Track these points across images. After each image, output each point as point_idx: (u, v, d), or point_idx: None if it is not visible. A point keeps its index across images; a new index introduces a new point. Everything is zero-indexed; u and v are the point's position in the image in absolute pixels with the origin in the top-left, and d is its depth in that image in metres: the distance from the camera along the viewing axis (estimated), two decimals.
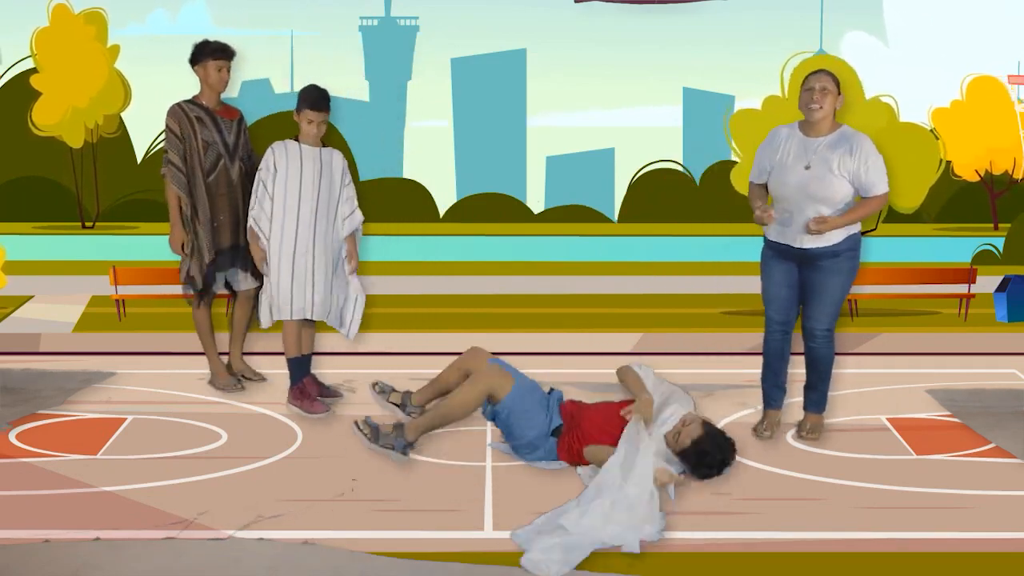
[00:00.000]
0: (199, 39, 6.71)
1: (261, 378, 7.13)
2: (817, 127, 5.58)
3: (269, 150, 6.34)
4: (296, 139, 6.36)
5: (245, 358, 7.20)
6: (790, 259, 5.76)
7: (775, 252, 5.83)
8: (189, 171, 6.62)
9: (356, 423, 5.43)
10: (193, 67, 6.69)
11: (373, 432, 5.35)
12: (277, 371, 7.63)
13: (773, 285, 5.86)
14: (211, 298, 6.90)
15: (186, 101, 6.68)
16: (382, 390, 5.85)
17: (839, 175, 5.49)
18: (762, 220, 5.63)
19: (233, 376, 7.01)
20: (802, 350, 5.91)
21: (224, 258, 6.77)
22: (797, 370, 6.07)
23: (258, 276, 6.79)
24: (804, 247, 5.62)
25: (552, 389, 5.60)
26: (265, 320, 6.45)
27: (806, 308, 5.79)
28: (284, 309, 6.33)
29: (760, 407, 6.11)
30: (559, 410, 5.38)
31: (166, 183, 6.65)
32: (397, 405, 5.77)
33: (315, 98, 6.28)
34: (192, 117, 6.62)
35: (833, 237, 5.59)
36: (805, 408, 5.98)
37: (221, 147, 6.67)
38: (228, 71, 6.69)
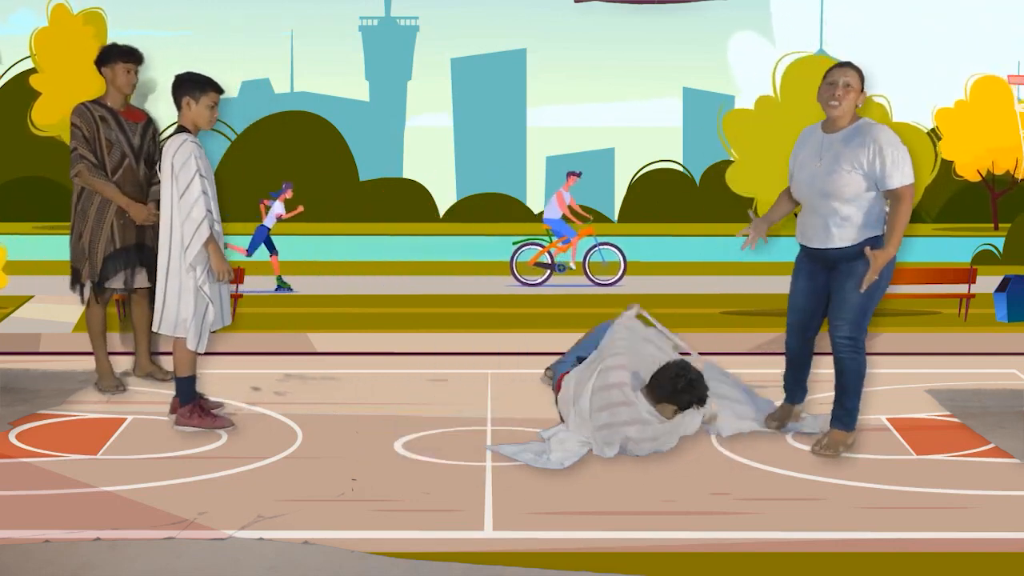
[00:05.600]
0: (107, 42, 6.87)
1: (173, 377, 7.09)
2: (836, 123, 5.39)
3: (189, 144, 5.78)
4: (186, 130, 5.88)
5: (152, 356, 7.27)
6: (818, 265, 5.57)
7: (804, 256, 5.65)
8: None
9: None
10: (100, 69, 6.80)
11: None
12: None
13: (794, 293, 5.72)
14: (107, 297, 6.90)
15: (90, 101, 6.79)
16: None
17: (848, 168, 5.28)
18: (759, 229, 5.71)
19: (116, 378, 6.97)
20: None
21: (129, 255, 6.80)
22: (823, 370, 6.06)
23: (153, 276, 6.70)
24: (822, 247, 5.46)
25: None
26: (204, 344, 5.91)
27: (828, 315, 5.56)
28: (216, 322, 5.97)
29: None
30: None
31: (85, 179, 6.69)
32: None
33: (213, 79, 5.93)
34: (96, 116, 6.71)
35: (848, 238, 5.38)
36: (830, 424, 5.64)
37: (126, 147, 6.74)
38: (136, 74, 6.81)
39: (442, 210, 38.82)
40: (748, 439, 5.86)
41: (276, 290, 13.64)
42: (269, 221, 14.13)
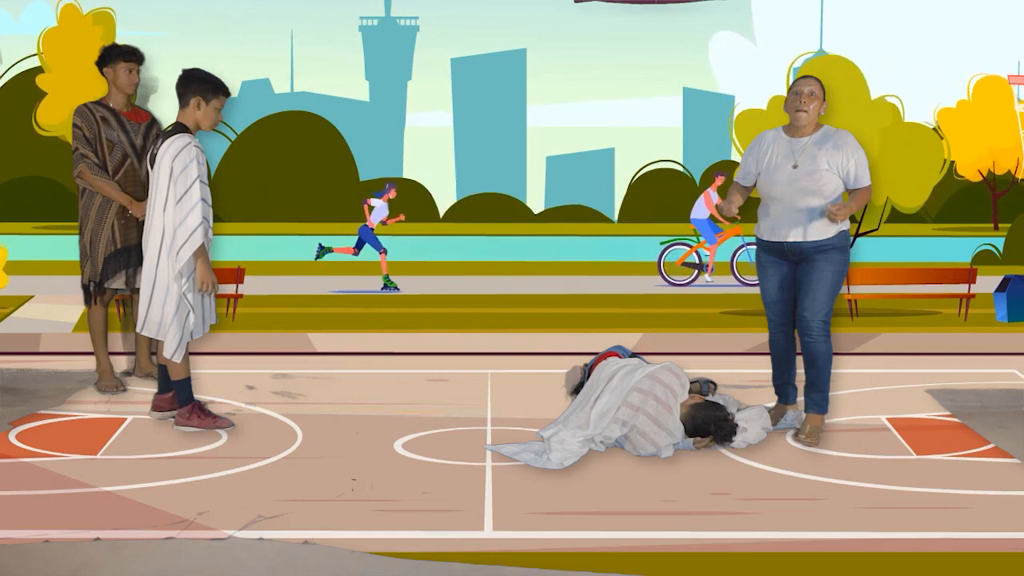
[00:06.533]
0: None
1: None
2: (802, 130, 5.80)
3: (192, 148, 5.76)
4: (186, 129, 5.86)
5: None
6: (783, 259, 5.91)
7: (768, 253, 5.98)
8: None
9: None
10: (102, 69, 6.80)
11: None
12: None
13: (769, 290, 6.03)
14: (109, 296, 6.93)
15: (93, 102, 6.80)
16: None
17: (828, 169, 5.70)
18: (728, 209, 5.87)
19: (116, 378, 6.97)
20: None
21: (130, 255, 6.81)
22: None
23: None
24: (797, 241, 5.78)
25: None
26: (181, 353, 5.88)
27: (800, 301, 5.87)
28: (198, 330, 5.93)
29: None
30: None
31: (86, 178, 6.68)
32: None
33: (223, 82, 5.92)
34: (97, 117, 6.71)
35: (825, 232, 5.75)
36: (806, 409, 5.96)
37: (128, 147, 6.75)
38: (138, 73, 6.81)
39: (442, 210, 38.79)
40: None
41: (383, 289, 13.74)
42: (373, 221, 14.24)
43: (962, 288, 10.91)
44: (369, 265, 15.53)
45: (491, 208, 38.95)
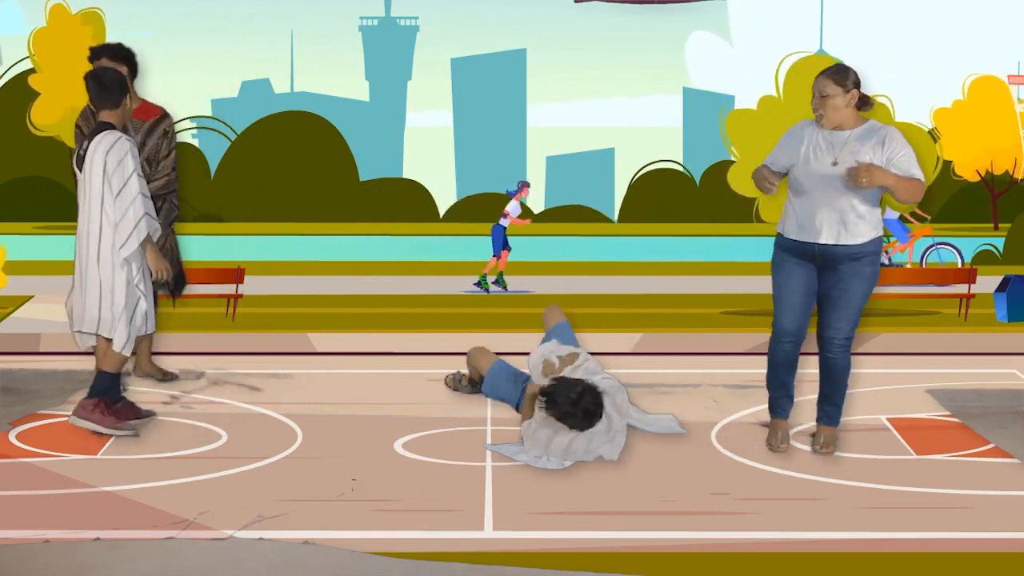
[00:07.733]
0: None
1: (174, 376, 7.05)
2: (841, 124, 5.40)
3: (124, 141, 5.73)
4: (113, 127, 5.80)
5: (154, 358, 7.20)
6: (809, 261, 5.49)
7: (791, 253, 5.54)
8: None
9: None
10: None
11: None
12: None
13: (789, 290, 5.54)
14: None
15: None
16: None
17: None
18: (766, 184, 5.41)
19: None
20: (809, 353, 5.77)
21: None
22: (807, 370, 6.06)
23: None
24: (828, 244, 5.38)
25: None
26: (131, 346, 5.83)
27: (824, 315, 5.52)
28: (150, 323, 5.93)
29: (768, 416, 5.84)
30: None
31: None
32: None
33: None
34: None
35: (860, 236, 5.38)
36: (819, 421, 5.69)
37: None
38: None
39: (442, 210, 38.81)
40: (748, 439, 5.86)
41: (494, 283, 14.07)
42: (505, 220, 14.47)
43: (962, 288, 10.91)
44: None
45: (491, 208, 38.90)
